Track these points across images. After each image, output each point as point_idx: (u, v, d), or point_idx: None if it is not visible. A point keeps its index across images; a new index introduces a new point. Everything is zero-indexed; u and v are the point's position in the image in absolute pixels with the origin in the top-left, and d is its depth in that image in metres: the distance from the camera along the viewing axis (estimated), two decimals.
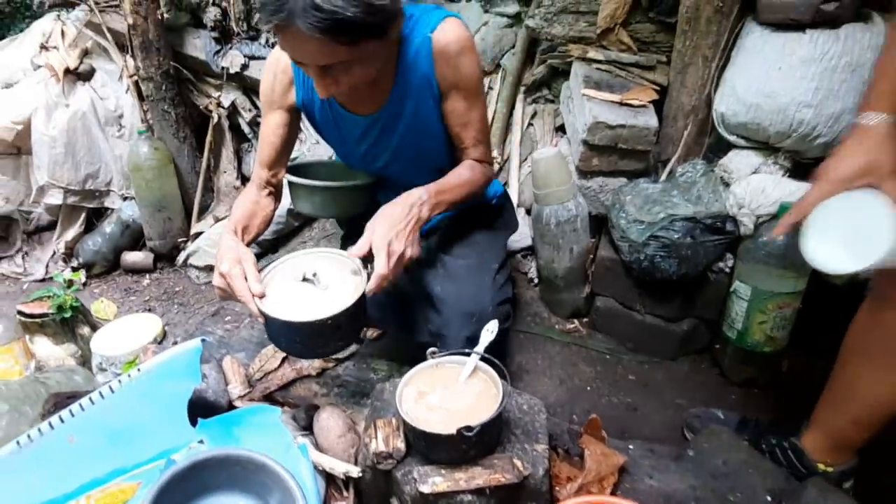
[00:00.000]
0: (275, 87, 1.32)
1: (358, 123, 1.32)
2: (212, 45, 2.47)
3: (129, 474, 1.12)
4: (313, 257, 1.18)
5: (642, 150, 1.83)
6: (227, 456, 1.02)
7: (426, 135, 1.31)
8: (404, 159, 1.35)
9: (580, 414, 1.58)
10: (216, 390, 1.26)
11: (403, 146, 1.32)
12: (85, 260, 2.50)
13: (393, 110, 1.27)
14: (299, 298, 1.08)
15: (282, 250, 2.40)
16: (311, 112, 1.35)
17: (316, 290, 1.09)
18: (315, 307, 1.04)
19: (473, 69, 1.23)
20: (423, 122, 1.28)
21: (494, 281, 1.33)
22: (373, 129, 1.32)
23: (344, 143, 1.39)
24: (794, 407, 1.59)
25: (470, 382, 1.06)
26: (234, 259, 1.12)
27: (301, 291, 1.09)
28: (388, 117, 1.29)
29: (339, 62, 1.04)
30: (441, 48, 1.19)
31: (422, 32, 1.19)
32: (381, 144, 1.34)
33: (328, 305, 1.04)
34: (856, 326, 1.14)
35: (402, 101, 1.26)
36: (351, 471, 1.06)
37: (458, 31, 1.19)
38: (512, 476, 0.96)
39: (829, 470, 1.21)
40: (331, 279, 1.11)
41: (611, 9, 1.92)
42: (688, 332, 1.75)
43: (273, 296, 1.09)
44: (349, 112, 1.31)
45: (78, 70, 2.49)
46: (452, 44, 1.19)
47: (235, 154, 2.67)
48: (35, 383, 1.35)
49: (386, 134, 1.32)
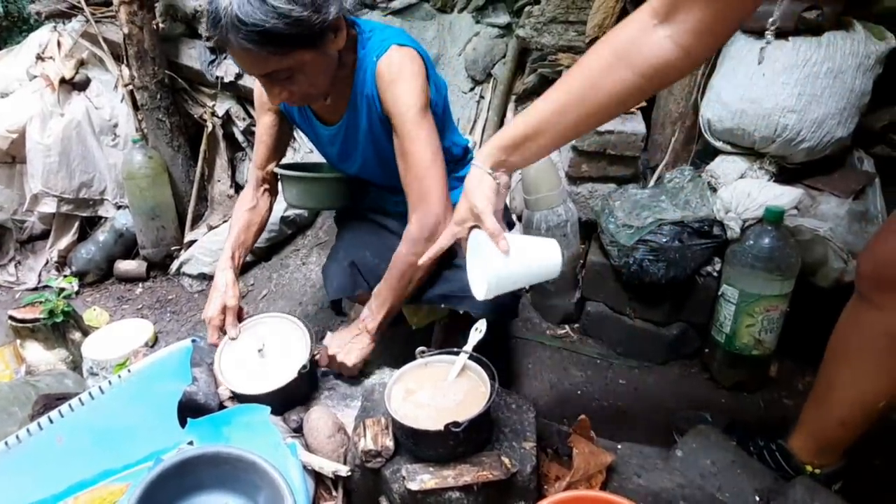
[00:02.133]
0: (263, 91, 1.37)
1: (326, 131, 1.39)
2: (207, 55, 2.50)
3: (118, 476, 1.11)
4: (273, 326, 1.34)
5: (631, 157, 1.85)
6: (216, 454, 1.02)
7: (382, 148, 1.33)
8: (372, 166, 1.40)
9: (571, 417, 1.58)
10: (206, 392, 1.26)
11: (367, 155, 1.37)
12: (78, 268, 2.50)
13: (351, 122, 1.33)
14: (253, 367, 1.25)
15: (275, 258, 2.41)
16: (292, 116, 1.44)
17: (269, 362, 1.25)
18: (263, 379, 1.21)
19: (406, 98, 1.20)
20: (376, 137, 1.32)
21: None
22: (338, 138, 1.38)
23: (320, 146, 1.48)
24: (783, 410, 1.60)
25: (459, 381, 1.07)
26: (219, 307, 1.32)
27: (255, 360, 1.26)
28: (348, 128, 1.34)
29: (277, 71, 1.12)
30: (380, 75, 1.22)
31: (372, 54, 1.23)
32: (347, 152, 1.40)
33: (274, 379, 1.20)
34: (840, 327, 1.15)
35: (357, 115, 1.31)
36: (340, 470, 1.06)
37: (397, 62, 1.20)
38: (500, 473, 0.96)
39: (816, 472, 1.22)
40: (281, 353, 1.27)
41: (599, 19, 1.96)
42: (677, 337, 1.76)
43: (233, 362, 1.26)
44: (319, 120, 1.39)
45: (73, 80, 2.51)
46: (387, 73, 1.20)
47: (229, 163, 2.69)
48: (25, 385, 1.34)
49: (350, 143, 1.37)
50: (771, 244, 1.48)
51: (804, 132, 1.53)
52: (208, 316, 1.32)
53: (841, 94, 1.52)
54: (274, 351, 1.27)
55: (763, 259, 1.49)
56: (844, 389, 1.14)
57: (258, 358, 1.26)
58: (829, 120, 1.52)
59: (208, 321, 1.31)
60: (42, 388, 1.37)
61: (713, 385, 1.71)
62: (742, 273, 1.54)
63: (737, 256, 1.56)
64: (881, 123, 1.77)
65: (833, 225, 1.59)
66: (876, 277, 1.04)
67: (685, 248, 1.59)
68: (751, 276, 1.52)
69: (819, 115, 1.51)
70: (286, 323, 1.33)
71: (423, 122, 1.21)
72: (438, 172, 1.23)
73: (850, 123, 1.61)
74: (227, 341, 1.30)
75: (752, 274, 1.52)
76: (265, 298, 2.25)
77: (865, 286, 1.08)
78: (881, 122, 1.77)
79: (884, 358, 1.06)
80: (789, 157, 1.61)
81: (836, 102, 1.51)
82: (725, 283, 1.60)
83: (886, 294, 1.02)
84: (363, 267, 1.42)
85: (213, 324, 1.31)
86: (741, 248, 1.55)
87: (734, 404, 1.64)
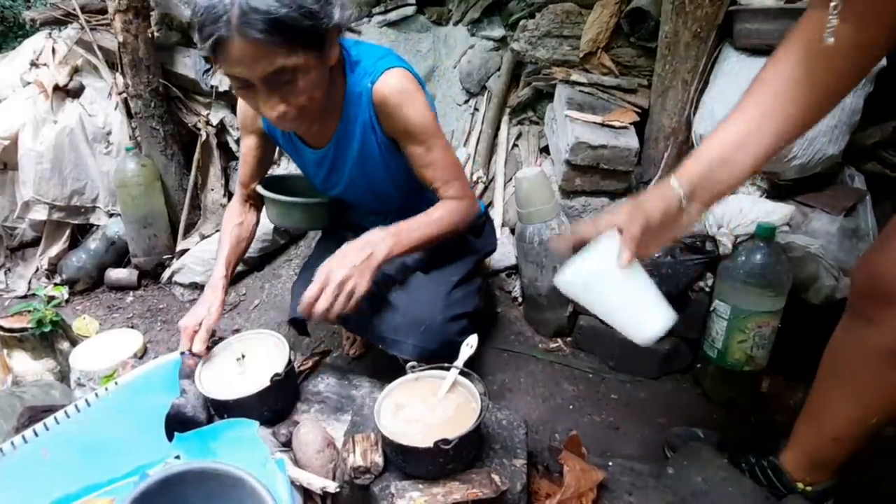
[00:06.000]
0: (247, 113, 1.42)
1: (311, 154, 1.39)
2: (201, 64, 2.50)
3: (103, 490, 1.10)
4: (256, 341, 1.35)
5: (624, 171, 1.86)
6: (202, 470, 1.00)
7: (373, 171, 1.36)
8: (357, 189, 1.42)
9: (562, 432, 1.58)
10: (195, 405, 1.25)
11: (355, 179, 1.39)
12: (68, 276, 2.48)
13: (340, 146, 1.33)
14: (230, 377, 1.26)
15: (267, 268, 2.40)
16: (276, 138, 1.45)
17: (247, 371, 1.27)
18: (238, 386, 1.22)
19: (419, 116, 1.24)
20: (368, 161, 1.34)
21: (450, 294, 1.37)
22: (325, 162, 1.39)
23: (305, 169, 1.49)
24: (774, 427, 1.60)
25: (449, 397, 1.06)
26: (195, 322, 1.31)
27: (234, 370, 1.27)
28: (336, 152, 1.35)
29: (281, 71, 1.06)
30: (380, 101, 1.23)
31: (364, 80, 1.23)
32: (334, 175, 1.41)
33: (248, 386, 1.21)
34: (833, 344, 1.15)
35: (348, 139, 1.31)
36: (328, 486, 1.05)
37: (397, 85, 1.22)
38: (489, 490, 0.96)
39: (808, 489, 1.21)
40: (260, 365, 1.27)
41: (593, 33, 1.97)
42: (670, 352, 1.76)
43: (211, 372, 1.28)
44: (305, 144, 1.39)
45: (67, 87, 2.50)
46: (392, 97, 1.22)
47: (223, 171, 2.68)
48: (10, 397, 1.33)
49: (337, 167, 1.38)
50: (762, 260, 1.48)
51: (796, 149, 1.54)
52: (184, 325, 1.32)
53: (832, 112, 1.53)
54: (253, 363, 1.28)
55: (755, 275, 1.49)
56: (837, 406, 1.13)
57: (237, 368, 1.27)
58: (821, 137, 1.53)
59: (183, 329, 1.32)
60: (28, 399, 1.36)
61: (705, 400, 1.70)
62: (734, 289, 1.54)
63: (729, 272, 1.56)
64: (872, 140, 1.79)
65: (824, 241, 1.60)
66: (869, 290, 1.03)
67: (677, 264, 1.59)
68: (742, 291, 1.52)
69: (811, 132, 1.52)
70: (267, 337, 1.36)
71: (438, 131, 1.29)
72: (464, 174, 1.38)
73: (841, 141, 1.62)
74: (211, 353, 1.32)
75: (743, 290, 1.52)
76: (257, 308, 2.23)
77: (859, 300, 1.07)
78: (872, 138, 1.79)
79: (877, 374, 1.05)
80: (781, 174, 1.62)
81: (828, 120, 1.53)
82: (717, 299, 1.60)
83: (879, 308, 1.01)
84: None
85: (187, 333, 1.31)
86: (733, 264, 1.55)
87: (726, 420, 1.64)
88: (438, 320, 1.31)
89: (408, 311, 1.33)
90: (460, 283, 1.43)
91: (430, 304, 1.33)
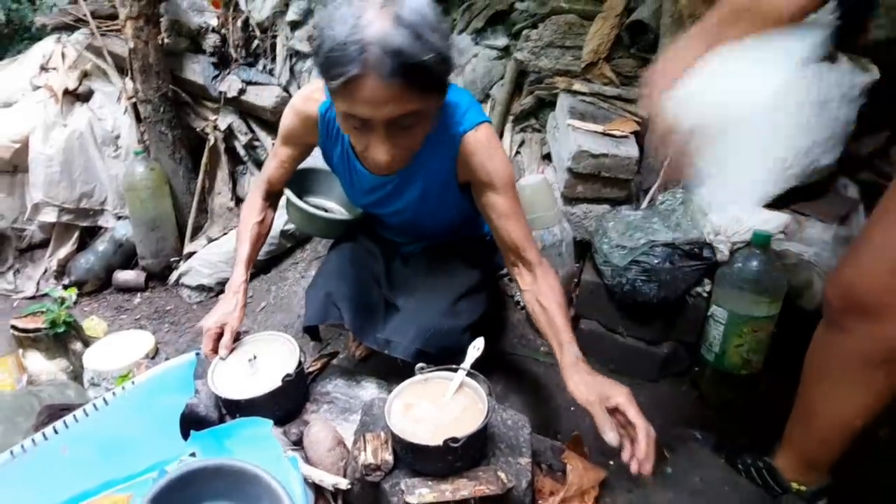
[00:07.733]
0: (296, 128, 1.37)
1: (369, 180, 1.35)
2: (210, 70, 2.54)
3: (121, 486, 1.13)
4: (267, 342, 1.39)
5: (624, 179, 1.90)
6: (219, 466, 1.04)
7: (429, 208, 1.37)
8: (404, 219, 1.45)
9: (564, 433, 1.62)
10: (207, 405, 1.29)
11: (406, 210, 1.40)
12: (77, 278, 2.52)
13: (405, 180, 1.32)
14: (242, 377, 1.29)
15: (273, 270, 2.43)
16: (329, 155, 1.41)
17: (259, 372, 1.30)
18: (250, 386, 1.25)
19: (504, 167, 1.26)
20: (428, 200, 1.35)
21: (454, 305, 1.41)
22: (381, 189, 1.37)
23: (353, 189, 1.45)
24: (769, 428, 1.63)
25: (457, 397, 1.10)
26: (219, 322, 1.34)
27: (246, 371, 1.30)
28: (398, 184, 1.34)
29: (407, 115, 1.03)
30: (470, 150, 1.24)
31: (454, 125, 1.24)
32: (385, 202, 1.40)
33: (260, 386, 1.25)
34: (813, 347, 1.17)
35: (415, 176, 1.31)
36: (340, 483, 1.09)
37: (488, 138, 1.25)
38: (496, 488, 0.99)
39: (802, 489, 1.25)
40: (270, 364, 1.31)
41: (595, 44, 2.02)
42: (668, 355, 1.79)
43: (223, 372, 1.31)
44: (363, 168, 1.33)
45: (77, 91, 2.54)
46: (482, 150, 1.24)
47: (230, 176, 2.72)
48: (28, 395, 1.36)
49: (392, 197, 1.37)
50: (758, 267, 1.53)
51: (791, 159, 1.58)
52: (206, 326, 1.34)
53: (826, 124, 1.57)
54: (264, 364, 1.31)
55: (751, 281, 1.54)
56: (822, 409, 1.16)
57: (249, 369, 1.30)
58: (816, 148, 1.58)
59: (205, 330, 1.33)
60: (45, 398, 1.39)
61: (702, 403, 1.74)
62: (731, 295, 1.58)
63: (726, 278, 1.60)
64: (867, 150, 1.84)
65: (819, 249, 1.64)
66: (842, 302, 1.06)
67: (676, 270, 1.63)
68: (739, 297, 1.57)
69: (805, 143, 1.56)
70: (277, 339, 1.39)
71: (514, 188, 1.29)
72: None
73: (836, 151, 1.66)
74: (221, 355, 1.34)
75: (740, 296, 1.56)
76: (263, 311, 2.27)
77: (833, 312, 1.09)
78: (866, 148, 1.83)
79: (857, 378, 1.08)
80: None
81: (822, 131, 1.57)
82: (715, 304, 1.64)
83: (853, 319, 1.04)
84: (338, 297, 1.45)
85: (210, 334, 1.33)
86: (730, 270, 1.59)
87: (723, 422, 1.67)
88: (443, 330, 1.36)
89: (410, 317, 1.39)
90: (468, 293, 1.46)
91: (431, 312, 1.38)
